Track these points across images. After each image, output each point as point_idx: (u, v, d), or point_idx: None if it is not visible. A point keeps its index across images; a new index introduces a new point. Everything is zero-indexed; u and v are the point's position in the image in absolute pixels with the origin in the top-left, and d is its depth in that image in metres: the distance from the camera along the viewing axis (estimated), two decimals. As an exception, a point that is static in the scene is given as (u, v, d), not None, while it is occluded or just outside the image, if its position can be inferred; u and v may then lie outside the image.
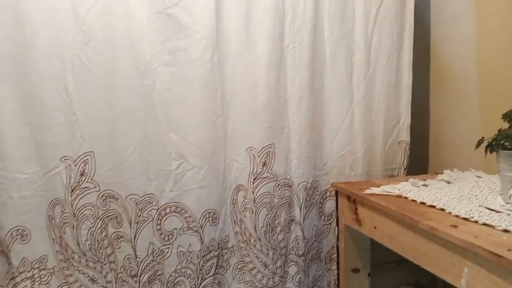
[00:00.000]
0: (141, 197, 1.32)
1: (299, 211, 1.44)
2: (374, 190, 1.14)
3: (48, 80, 1.23)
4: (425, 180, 1.23)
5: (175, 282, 1.36)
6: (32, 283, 1.28)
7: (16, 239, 1.25)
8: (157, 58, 1.29)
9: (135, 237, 1.32)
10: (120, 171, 1.30)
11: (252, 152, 1.38)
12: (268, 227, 1.41)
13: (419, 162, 1.63)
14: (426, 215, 0.90)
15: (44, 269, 1.29)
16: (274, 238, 1.42)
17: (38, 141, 1.25)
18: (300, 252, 1.46)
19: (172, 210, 1.34)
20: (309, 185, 1.45)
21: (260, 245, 1.41)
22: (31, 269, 1.27)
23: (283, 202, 1.43)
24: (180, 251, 1.35)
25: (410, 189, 1.13)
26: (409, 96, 1.52)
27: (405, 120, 1.54)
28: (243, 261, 1.43)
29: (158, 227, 1.33)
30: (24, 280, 1.26)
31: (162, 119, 1.31)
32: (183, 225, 1.35)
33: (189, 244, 1.36)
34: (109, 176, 1.30)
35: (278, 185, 1.42)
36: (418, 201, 1.01)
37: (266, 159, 1.39)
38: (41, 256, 1.28)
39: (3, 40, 1.19)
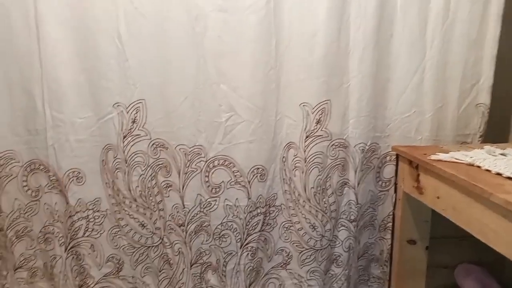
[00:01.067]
0: (190, 148, 1.30)
1: (354, 174, 1.35)
2: (442, 156, 1.01)
3: (102, 26, 1.21)
4: (504, 149, 1.06)
5: (220, 234, 1.35)
6: (87, 223, 1.34)
7: (73, 180, 1.30)
8: (210, 3, 1.21)
9: (183, 187, 1.32)
10: (170, 120, 1.28)
11: (305, 108, 1.29)
12: (319, 189, 1.33)
13: (498, 129, 1.43)
14: (502, 188, 0.77)
15: (98, 211, 1.34)
16: (324, 200, 1.35)
17: (92, 87, 1.25)
18: (352, 217, 1.38)
19: (220, 163, 1.31)
20: (367, 147, 1.34)
21: (309, 206, 1.35)
22: (86, 210, 1.33)
23: (337, 163, 1.33)
24: (226, 205, 1.33)
25: (485, 157, 0.98)
26: (495, 52, 1.31)
27: (486, 79, 1.33)
28: (290, 220, 1.38)
29: (206, 179, 1.32)
30: (80, 219, 1.32)
31: (212, 69, 1.25)
32: (231, 179, 1.32)
33: (236, 199, 1.33)
34: (159, 125, 1.29)
35: (332, 145, 1.32)
36: (493, 172, 0.87)
37: (320, 116, 1.29)
38: (95, 198, 1.33)
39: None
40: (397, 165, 1.23)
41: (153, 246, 1.38)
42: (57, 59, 1.22)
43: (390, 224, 1.36)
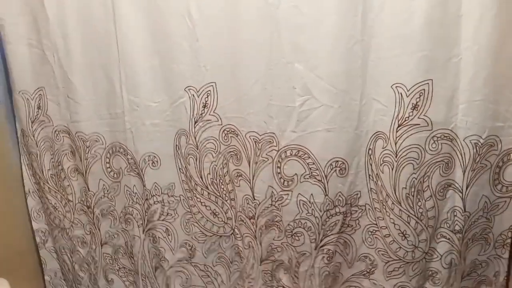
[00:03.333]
0: (260, 135, 1.18)
1: (462, 174, 1.07)
2: None
3: (173, 6, 1.15)
4: None
5: (293, 232, 1.22)
6: (162, 207, 1.33)
7: (148, 164, 1.30)
8: (284, -31, 1.05)
9: (253, 178, 1.21)
10: (241, 105, 1.18)
11: (399, 90, 1.04)
12: (413, 190, 1.09)
13: None
14: None
15: (172, 196, 1.32)
16: (419, 204, 1.10)
17: (165, 70, 1.22)
18: (457, 228, 1.10)
19: (293, 154, 1.16)
20: (482, 141, 1.04)
21: (399, 210, 1.11)
22: (161, 194, 1.32)
23: (439, 160, 1.07)
24: (300, 200, 1.19)
25: None
26: None
27: None
28: (376, 224, 1.17)
29: (278, 170, 1.18)
30: (156, 203, 1.33)
31: (287, 45, 1.09)
32: (305, 172, 1.16)
33: (311, 194, 1.17)
34: (230, 110, 1.20)
35: (433, 136, 1.05)
36: None
37: (418, 100, 1.03)
38: (169, 183, 1.31)
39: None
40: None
41: (224, 236, 1.32)
42: (132, 41, 1.21)
43: (510, 240, 1.05)
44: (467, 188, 1.07)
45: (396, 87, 1.04)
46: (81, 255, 1.45)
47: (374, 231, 1.18)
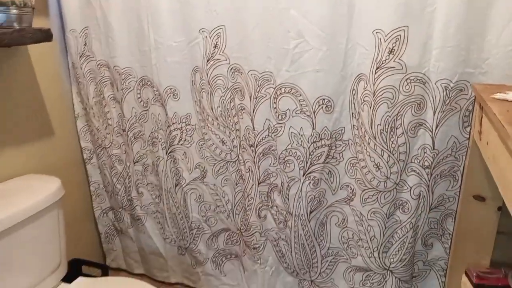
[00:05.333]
0: (260, 73, 1.35)
1: (433, 115, 1.18)
2: (500, 95, 0.80)
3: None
4: None
5: (285, 159, 1.41)
6: (181, 133, 1.57)
7: (170, 96, 1.53)
8: None
9: (253, 111, 1.40)
10: (244, 46, 1.35)
11: (378, 35, 1.16)
12: (387, 126, 1.22)
13: None
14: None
15: (189, 124, 1.55)
16: (392, 140, 1.23)
17: (183, 13, 1.40)
18: (426, 164, 1.23)
19: (287, 91, 1.33)
20: (452, 85, 1.14)
21: (375, 145, 1.26)
22: (180, 122, 1.56)
23: (411, 100, 1.19)
24: (291, 132, 1.36)
25: None
26: None
27: None
28: (356, 157, 1.32)
29: (274, 105, 1.36)
30: (175, 130, 1.57)
31: (283, -8, 1.23)
32: (296, 107, 1.33)
33: (301, 128, 1.35)
34: (236, 51, 1.37)
35: (408, 79, 1.17)
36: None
37: (394, 45, 1.14)
38: (186, 113, 1.54)
39: None
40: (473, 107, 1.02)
41: (231, 161, 1.54)
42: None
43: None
44: (436, 128, 1.18)
45: (376, 32, 1.16)
46: (118, 170, 1.76)
47: (354, 163, 1.34)
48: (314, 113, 1.31)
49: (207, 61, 1.42)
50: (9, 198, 1.31)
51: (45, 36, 1.39)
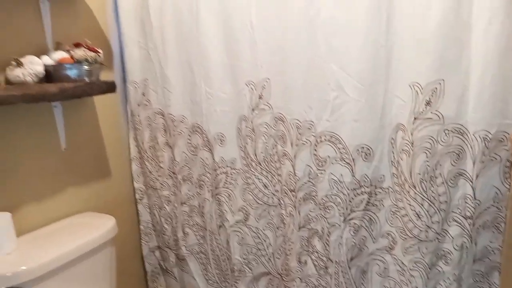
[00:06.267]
0: (301, 122, 1.43)
1: (472, 165, 1.19)
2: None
3: (238, 14, 1.46)
4: None
5: (325, 205, 1.44)
6: (226, 177, 1.66)
7: (217, 142, 1.64)
8: (323, -15, 1.29)
9: (295, 157, 1.47)
10: (287, 96, 1.44)
11: (415, 88, 1.21)
12: (426, 176, 1.24)
13: None
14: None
15: (234, 168, 1.64)
16: (432, 189, 1.24)
17: (232, 66, 1.53)
18: (468, 214, 1.22)
19: (327, 139, 1.39)
20: (491, 136, 1.15)
21: (415, 193, 1.27)
22: (225, 167, 1.65)
23: (450, 150, 1.20)
24: (332, 179, 1.41)
25: None
26: None
27: None
28: (396, 205, 1.34)
29: (314, 152, 1.42)
30: (221, 173, 1.66)
31: (323, 48, 1.32)
32: (336, 155, 1.38)
33: (341, 174, 1.39)
34: (280, 101, 1.47)
35: (445, 129, 1.20)
36: None
37: (431, 97, 1.19)
38: (232, 158, 1.63)
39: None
40: (513, 159, 1.03)
41: (272, 205, 1.60)
42: (209, 42, 1.54)
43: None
44: (477, 178, 1.19)
45: (412, 85, 1.21)
46: (166, 211, 1.86)
47: (395, 211, 1.35)
48: (353, 160, 1.35)
49: (253, 110, 1.53)
50: (67, 234, 1.45)
51: (109, 87, 1.57)
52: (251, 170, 1.60)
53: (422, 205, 1.27)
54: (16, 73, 1.34)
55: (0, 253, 1.25)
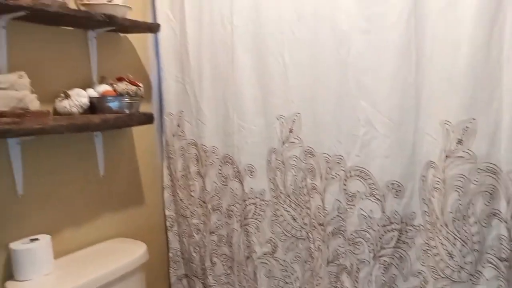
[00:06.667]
0: (331, 156, 1.45)
1: (506, 205, 1.16)
2: None
3: (272, 52, 1.53)
4: None
5: (355, 241, 1.43)
6: (255, 208, 1.69)
7: (247, 173, 1.68)
8: (354, 26, 1.33)
9: (324, 191, 1.48)
10: (317, 131, 1.48)
11: (446, 126, 1.22)
12: (458, 215, 1.22)
13: None
14: None
15: (263, 200, 1.67)
16: (465, 229, 1.22)
17: (264, 101, 1.59)
18: (503, 256, 1.19)
19: (356, 174, 1.40)
20: (526, 176, 1.13)
21: (447, 232, 1.25)
22: (255, 198, 1.68)
23: (482, 190, 1.19)
24: (361, 214, 1.41)
25: None
26: None
27: None
28: (428, 244, 1.31)
29: (344, 187, 1.43)
30: (250, 204, 1.69)
31: (353, 85, 1.36)
32: (366, 190, 1.39)
33: (370, 210, 1.39)
34: (309, 135, 1.50)
35: (478, 168, 1.18)
36: None
37: (462, 135, 1.19)
38: (261, 189, 1.66)
39: (248, 22, 1.57)
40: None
41: (301, 238, 1.60)
42: (242, 78, 1.61)
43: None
44: (511, 218, 1.16)
45: (443, 123, 1.22)
46: (195, 239, 1.89)
47: (426, 250, 1.32)
48: (383, 196, 1.35)
49: (283, 143, 1.57)
50: (101, 259, 1.50)
51: (148, 119, 1.66)
52: (280, 202, 1.62)
53: (454, 244, 1.24)
54: (64, 104, 1.44)
55: (39, 274, 1.31)
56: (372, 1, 1.30)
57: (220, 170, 1.77)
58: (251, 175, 1.67)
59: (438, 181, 1.25)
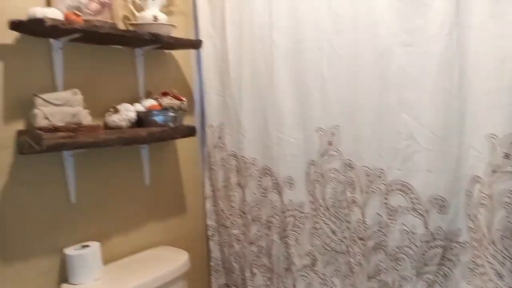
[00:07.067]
0: (371, 170, 1.43)
1: (561, 224, 1.10)
2: None
3: (310, 66, 1.54)
4: None
5: (396, 257, 1.40)
6: (294, 220, 1.69)
7: (286, 185, 1.69)
8: (394, 39, 1.32)
9: (364, 205, 1.46)
10: (357, 144, 1.47)
11: (491, 140, 1.17)
12: (507, 233, 1.16)
13: None
14: None
15: (302, 212, 1.67)
16: (515, 247, 1.16)
17: (302, 114, 1.60)
18: (558, 278, 1.12)
19: (398, 188, 1.37)
20: None
21: (494, 251, 1.19)
22: (294, 210, 1.69)
23: (534, 207, 1.13)
24: (403, 229, 1.38)
25: None
26: None
27: None
28: (474, 262, 1.26)
29: (385, 201, 1.41)
30: (289, 216, 1.70)
31: (394, 98, 1.35)
32: (408, 205, 1.35)
33: (413, 225, 1.35)
34: (349, 148, 1.49)
35: (528, 184, 1.13)
36: None
37: (509, 149, 1.14)
38: (300, 202, 1.67)
39: (286, 37, 1.60)
40: None
41: (341, 252, 1.59)
42: (280, 90, 1.63)
43: None
44: None
45: (489, 137, 1.17)
46: (236, 249, 1.92)
47: (473, 268, 1.27)
48: (426, 212, 1.32)
49: (322, 155, 1.57)
50: (145, 266, 1.56)
51: (191, 131, 1.72)
52: (319, 215, 1.61)
53: (503, 264, 1.18)
54: (113, 119, 1.53)
55: (90, 279, 1.39)
56: (413, 14, 1.28)
57: (260, 181, 1.79)
58: (290, 187, 1.68)
59: (484, 197, 1.20)
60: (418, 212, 1.33)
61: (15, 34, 1.29)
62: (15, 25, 1.23)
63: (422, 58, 1.27)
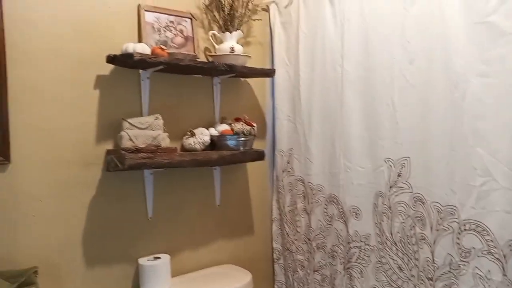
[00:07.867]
0: (443, 206, 1.35)
1: None
2: None
3: (381, 95, 1.52)
4: None
5: (470, 303, 1.30)
6: (359, 251, 1.65)
7: (352, 215, 1.66)
8: (470, 69, 1.26)
9: (434, 243, 1.38)
10: (428, 177, 1.40)
11: None
12: None
13: None
14: None
15: (368, 244, 1.62)
16: None
17: (371, 143, 1.58)
18: None
19: (472, 228, 1.28)
20: None
21: None
22: (359, 241, 1.65)
23: None
24: (476, 273, 1.27)
25: None
26: None
27: None
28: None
29: (457, 240, 1.32)
30: (354, 247, 1.66)
31: (469, 131, 1.27)
32: (483, 247, 1.25)
33: (488, 270, 1.24)
34: (419, 181, 1.43)
35: None
36: None
37: None
38: (366, 233, 1.62)
39: (358, 65, 1.61)
40: None
41: (408, 290, 1.51)
42: (351, 120, 1.63)
43: None
44: None
45: None
46: (299, 275, 1.92)
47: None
48: (504, 257, 1.20)
49: (390, 187, 1.52)
50: (210, 283, 1.64)
51: (259, 156, 1.79)
52: (386, 249, 1.55)
53: None
54: (189, 141, 1.66)
55: (158, 290, 1.51)
56: (491, 44, 1.21)
57: (326, 209, 1.79)
58: (356, 217, 1.65)
59: None
60: (494, 256, 1.22)
61: (110, 67, 1.49)
62: (110, 59, 1.42)
63: (500, 90, 1.19)
